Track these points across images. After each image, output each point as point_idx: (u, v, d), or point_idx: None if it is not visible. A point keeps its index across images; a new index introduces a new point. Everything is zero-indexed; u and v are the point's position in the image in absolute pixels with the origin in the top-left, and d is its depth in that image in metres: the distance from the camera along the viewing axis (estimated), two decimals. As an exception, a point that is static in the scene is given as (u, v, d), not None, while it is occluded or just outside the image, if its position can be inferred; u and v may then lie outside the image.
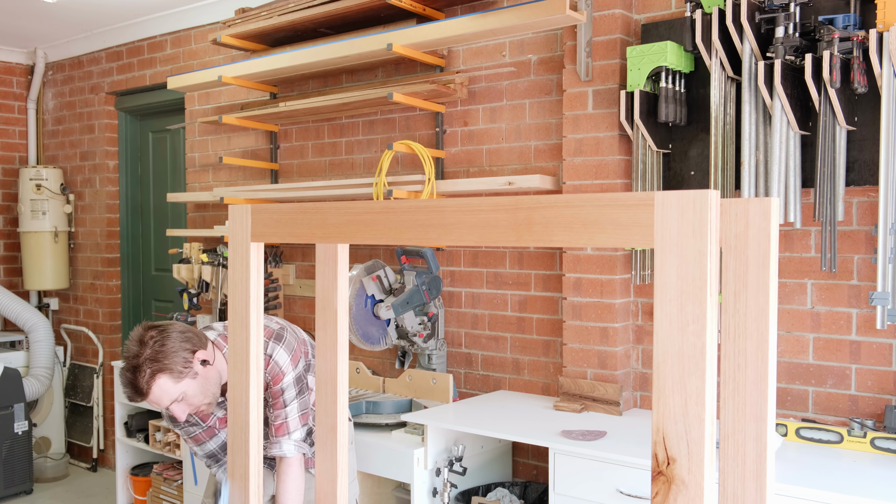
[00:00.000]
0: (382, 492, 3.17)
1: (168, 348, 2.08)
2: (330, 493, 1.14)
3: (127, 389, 2.09)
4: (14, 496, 4.87)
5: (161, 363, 2.07)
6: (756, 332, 0.79)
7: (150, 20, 4.96)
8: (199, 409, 2.21)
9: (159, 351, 2.07)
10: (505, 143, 3.41)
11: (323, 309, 1.13)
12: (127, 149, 5.47)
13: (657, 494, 0.80)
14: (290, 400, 2.28)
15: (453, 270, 3.59)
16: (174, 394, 2.10)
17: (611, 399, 2.95)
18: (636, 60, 2.81)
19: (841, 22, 2.45)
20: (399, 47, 3.29)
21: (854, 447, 2.48)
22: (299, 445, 2.30)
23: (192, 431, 2.38)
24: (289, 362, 2.28)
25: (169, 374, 2.08)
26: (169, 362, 2.07)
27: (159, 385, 2.07)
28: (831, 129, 2.52)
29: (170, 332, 2.12)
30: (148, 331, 2.11)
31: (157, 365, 2.06)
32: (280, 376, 2.27)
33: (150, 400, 2.10)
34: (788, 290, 2.71)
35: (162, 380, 2.07)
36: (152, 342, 2.08)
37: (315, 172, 4.14)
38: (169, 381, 2.08)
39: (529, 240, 0.89)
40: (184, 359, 2.10)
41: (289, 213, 1.13)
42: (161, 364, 2.07)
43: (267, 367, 2.27)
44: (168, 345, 2.09)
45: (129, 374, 2.07)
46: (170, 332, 2.12)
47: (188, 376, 2.11)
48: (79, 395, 5.48)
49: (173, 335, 2.12)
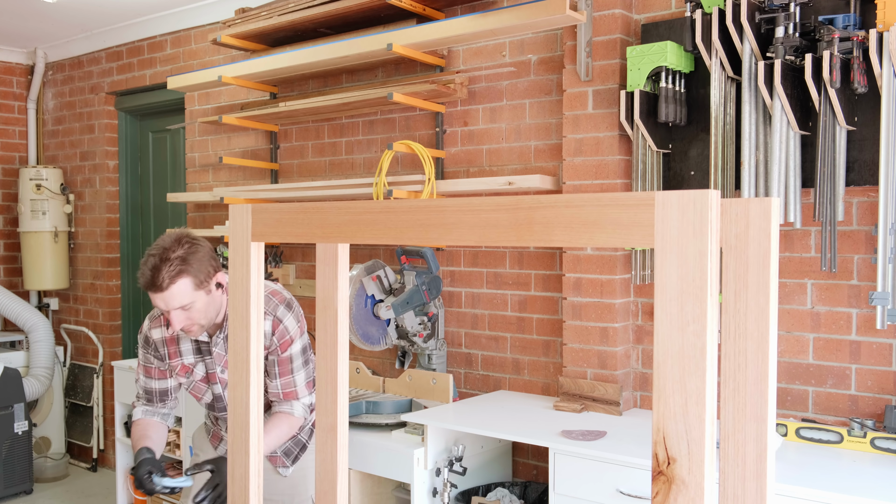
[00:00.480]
0: (382, 492, 3.17)
1: (199, 256, 2.19)
2: (330, 492, 1.14)
3: (144, 278, 2.16)
4: (14, 496, 4.87)
5: (189, 266, 2.16)
6: (756, 332, 0.79)
7: (150, 20, 4.96)
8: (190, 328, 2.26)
9: (192, 254, 2.18)
10: (505, 143, 3.41)
11: (323, 309, 1.13)
12: (127, 149, 5.47)
13: (657, 494, 0.80)
14: (298, 368, 2.36)
15: (453, 270, 3.59)
16: (185, 300, 2.18)
17: (611, 399, 2.95)
18: (636, 60, 2.81)
19: (841, 22, 2.45)
20: (399, 47, 3.29)
21: (854, 447, 2.48)
22: (306, 409, 2.38)
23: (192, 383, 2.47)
24: (297, 329, 2.35)
25: (192, 279, 2.17)
26: (196, 269, 2.17)
27: (179, 285, 2.15)
28: (831, 129, 2.52)
29: (203, 244, 2.24)
30: (185, 235, 2.23)
31: (185, 266, 2.16)
32: (288, 342, 2.33)
33: (163, 296, 2.16)
34: (788, 290, 2.71)
35: (183, 281, 2.16)
36: (187, 245, 2.19)
37: (315, 172, 4.14)
38: (189, 285, 2.17)
39: (529, 240, 0.89)
40: (207, 272, 2.21)
41: (289, 213, 1.13)
42: (189, 266, 2.16)
43: (275, 329, 2.31)
44: (199, 253, 2.20)
45: (154, 262, 2.14)
46: (203, 245, 2.24)
47: (203, 290, 2.21)
48: (79, 395, 5.48)
49: (206, 248, 2.25)
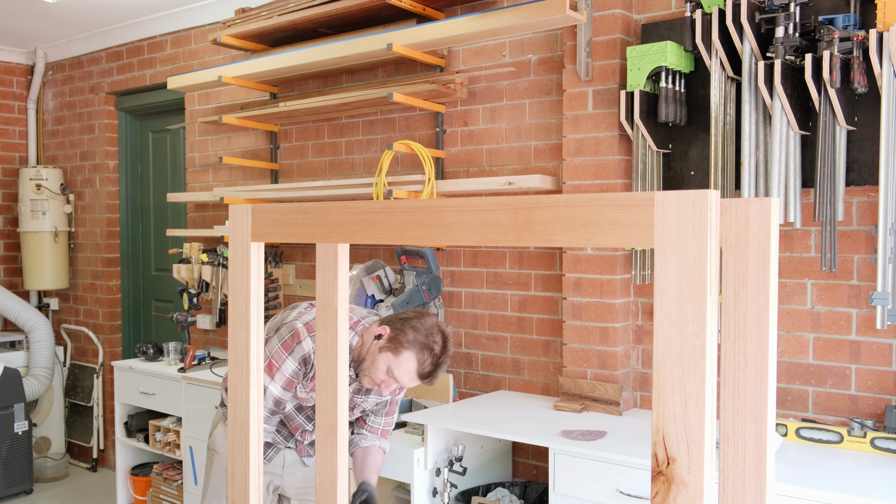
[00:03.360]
0: (382, 492, 3.17)
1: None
2: (330, 492, 1.14)
3: (429, 368, 2.29)
4: (14, 496, 4.87)
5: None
6: (756, 332, 0.79)
7: (150, 20, 4.96)
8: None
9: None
10: (505, 143, 3.41)
11: (323, 309, 1.13)
12: (127, 149, 5.47)
13: (657, 494, 0.80)
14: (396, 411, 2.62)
15: (453, 270, 3.59)
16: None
17: (611, 399, 2.95)
18: (636, 60, 2.81)
19: (841, 22, 2.45)
20: (399, 47, 3.29)
21: (854, 447, 2.48)
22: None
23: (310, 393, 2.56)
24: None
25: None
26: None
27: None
28: (831, 129, 2.52)
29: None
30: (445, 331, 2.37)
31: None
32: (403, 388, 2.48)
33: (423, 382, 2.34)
34: (788, 290, 2.71)
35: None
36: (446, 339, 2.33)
37: (315, 172, 4.14)
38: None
39: (529, 240, 0.89)
40: None
41: (289, 213, 1.13)
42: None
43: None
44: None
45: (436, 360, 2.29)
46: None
47: None
48: (79, 395, 5.48)
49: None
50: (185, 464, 3.94)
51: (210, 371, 3.95)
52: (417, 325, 2.27)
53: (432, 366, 2.27)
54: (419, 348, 2.23)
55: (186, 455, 3.92)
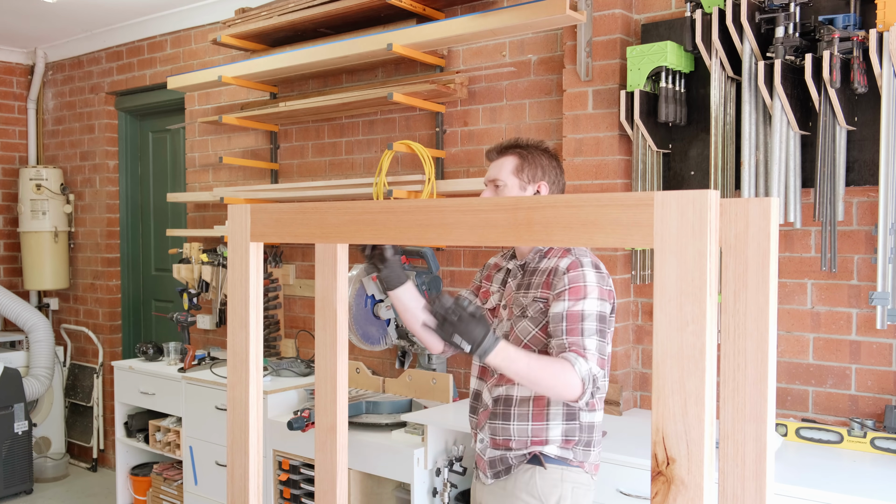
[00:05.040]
0: (382, 492, 3.17)
1: (540, 161, 2.14)
2: (329, 492, 1.14)
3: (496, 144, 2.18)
4: (14, 496, 4.87)
5: (527, 154, 2.13)
6: (756, 332, 0.79)
7: (150, 20, 4.96)
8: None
9: (536, 154, 2.14)
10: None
11: (323, 309, 1.13)
12: (127, 149, 5.47)
13: (657, 494, 0.80)
14: (590, 332, 1.94)
15: (453, 270, 3.59)
16: (500, 175, 2.14)
17: (611, 399, 2.95)
18: (636, 60, 2.81)
19: (841, 22, 2.45)
20: (399, 47, 3.29)
21: (854, 447, 2.48)
22: (589, 378, 1.88)
23: None
24: (596, 288, 1.98)
25: (518, 162, 2.13)
26: (528, 161, 2.13)
27: (504, 159, 2.14)
28: (831, 129, 2.51)
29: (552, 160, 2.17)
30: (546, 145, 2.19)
31: (522, 152, 2.14)
32: (580, 290, 1.96)
33: (491, 164, 2.18)
34: (788, 290, 2.71)
35: (509, 159, 2.14)
36: (538, 149, 2.15)
37: (315, 172, 4.14)
38: (510, 165, 2.13)
39: (529, 240, 0.89)
40: (534, 173, 2.13)
41: (289, 213, 1.13)
42: (526, 154, 2.13)
43: (570, 269, 2.00)
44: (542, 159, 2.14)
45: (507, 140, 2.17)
46: (552, 159, 2.17)
47: (519, 179, 2.14)
48: (79, 395, 5.48)
49: (554, 163, 2.17)
50: (185, 464, 3.94)
51: (210, 371, 3.95)
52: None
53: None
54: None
55: (186, 455, 3.92)
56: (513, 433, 2.06)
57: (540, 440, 2.04)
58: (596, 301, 1.97)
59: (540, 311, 2.04)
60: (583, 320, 1.95)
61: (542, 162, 2.14)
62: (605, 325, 1.98)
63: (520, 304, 2.09)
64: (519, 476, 2.06)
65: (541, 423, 2.05)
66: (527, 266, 2.13)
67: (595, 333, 1.94)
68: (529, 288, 2.09)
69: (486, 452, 2.13)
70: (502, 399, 2.09)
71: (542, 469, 2.03)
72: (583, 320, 1.95)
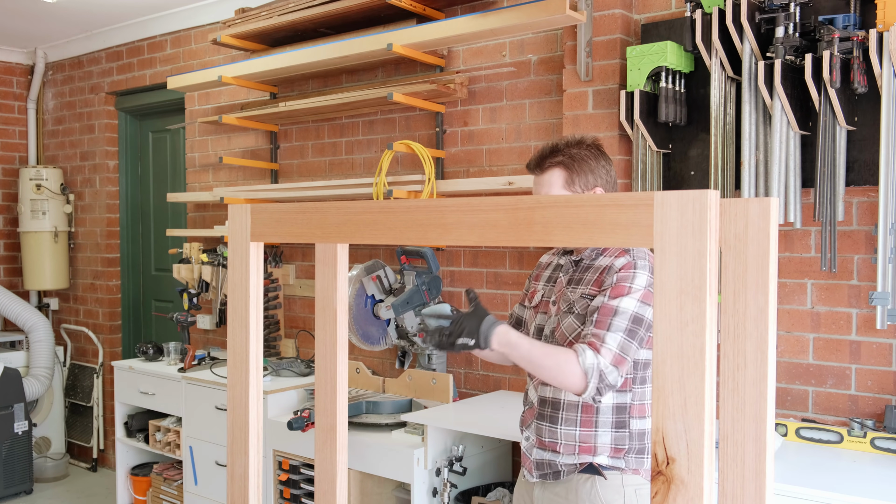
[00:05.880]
0: (382, 492, 3.17)
1: (589, 164, 2.01)
2: (329, 492, 1.14)
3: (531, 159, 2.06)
4: (14, 496, 4.87)
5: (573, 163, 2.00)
6: (755, 332, 0.79)
7: (150, 20, 4.96)
8: None
9: (583, 157, 2.01)
10: (505, 143, 3.41)
11: (323, 309, 1.13)
12: (127, 149, 5.47)
13: (657, 494, 0.80)
14: (617, 328, 1.88)
15: (453, 270, 3.59)
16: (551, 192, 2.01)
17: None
18: (636, 60, 2.81)
19: (841, 22, 2.45)
20: (399, 47, 3.29)
21: (854, 447, 2.48)
22: (593, 372, 1.83)
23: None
24: (642, 290, 1.92)
25: (567, 174, 2.01)
26: (578, 169, 2.00)
27: (552, 174, 2.01)
28: (831, 129, 2.52)
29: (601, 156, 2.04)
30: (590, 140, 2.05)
31: (569, 161, 2.00)
32: (624, 289, 1.91)
33: (537, 180, 2.05)
34: (788, 290, 2.71)
35: (557, 172, 2.01)
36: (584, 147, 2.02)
37: (315, 172, 4.14)
38: (560, 178, 2.01)
39: (529, 240, 0.89)
40: (587, 181, 2.01)
41: (289, 213, 1.13)
42: (572, 163, 2.00)
43: (624, 268, 1.94)
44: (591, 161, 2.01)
45: (546, 147, 2.03)
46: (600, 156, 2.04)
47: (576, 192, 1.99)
48: (79, 395, 5.48)
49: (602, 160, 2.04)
50: (185, 464, 3.94)
51: (210, 371, 3.95)
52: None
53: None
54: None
55: (186, 455, 3.92)
56: (560, 437, 2.00)
57: (588, 447, 1.98)
58: (636, 301, 1.91)
59: (586, 308, 1.98)
60: (615, 315, 1.89)
61: (590, 165, 2.01)
62: (640, 327, 1.91)
63: (567, 300, 2.03)
64: (579, 486, 1.99)
65: (589, 429, 1.98)
66: (581, 262, 2.07)
67: (622, 331, 1.88)
68: (580, 284, 2.03)
69: (533, 452, 2.08)
70: (549, 401, 2.04)
71: (602, 478, 1.97)
72: (615, 315, 1.89)
